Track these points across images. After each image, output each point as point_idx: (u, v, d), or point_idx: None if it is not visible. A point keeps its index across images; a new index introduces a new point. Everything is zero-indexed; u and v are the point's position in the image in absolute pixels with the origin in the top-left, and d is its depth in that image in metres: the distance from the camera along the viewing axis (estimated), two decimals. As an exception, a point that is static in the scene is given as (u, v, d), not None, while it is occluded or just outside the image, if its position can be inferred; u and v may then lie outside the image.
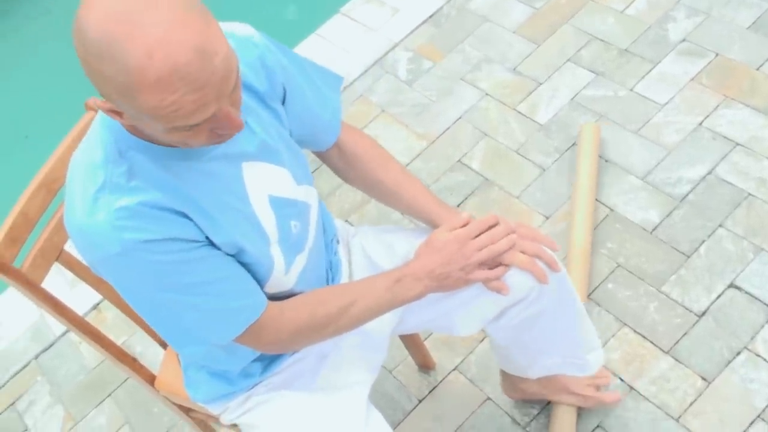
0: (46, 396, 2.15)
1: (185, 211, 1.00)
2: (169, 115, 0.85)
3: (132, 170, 0.97)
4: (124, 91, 0.83)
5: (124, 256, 0.96)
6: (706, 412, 1.68)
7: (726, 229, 1.94)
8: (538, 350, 1.50)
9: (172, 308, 1.03)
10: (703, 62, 2.29)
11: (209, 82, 0.84)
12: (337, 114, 1.27)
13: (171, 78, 0.81)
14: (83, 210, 0.97)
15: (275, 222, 1.12)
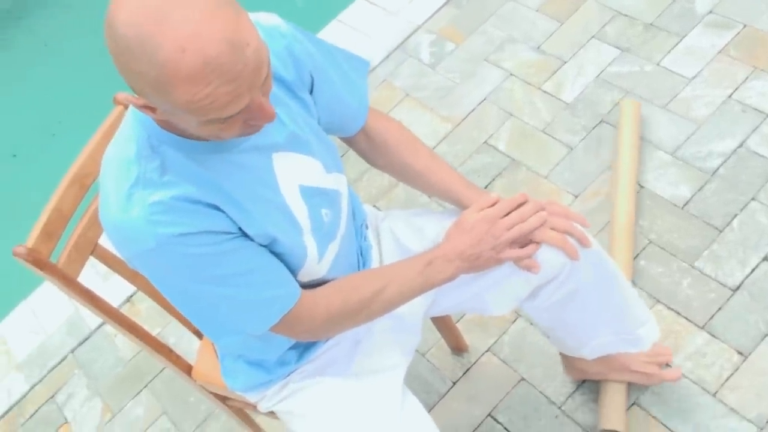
0: (84, 389, 2.18)
1: (218, 204, 1.01)
2: (203, 108, 0.85)
3: (164, 165, 0.98)
4: (158, 87, 0.84)
5: (159, 250, 0.97)
6: (743, 386, 1.67)
7: (759, 202, 1.91)
8: (584, 330, 1.49)
9: (208, 300, 1.04)
10: (731, 34, 2.25)
11: (242, 74, 0.84)
12: (365, 100, 1.27)
13: (204, 71, 0.82)
14: (118, 206, 0.98)
15: (307, 212, 1.13)
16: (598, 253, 1.36)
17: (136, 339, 1.45)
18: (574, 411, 1.73)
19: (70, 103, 3.14)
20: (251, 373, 1.31)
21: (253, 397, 1.36)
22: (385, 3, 2.79)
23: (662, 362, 1.65)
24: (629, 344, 1.55)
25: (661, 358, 1.65)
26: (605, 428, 1.62)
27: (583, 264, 1.33)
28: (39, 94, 3.28)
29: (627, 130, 2.05)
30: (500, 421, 1.77)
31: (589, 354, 1.56)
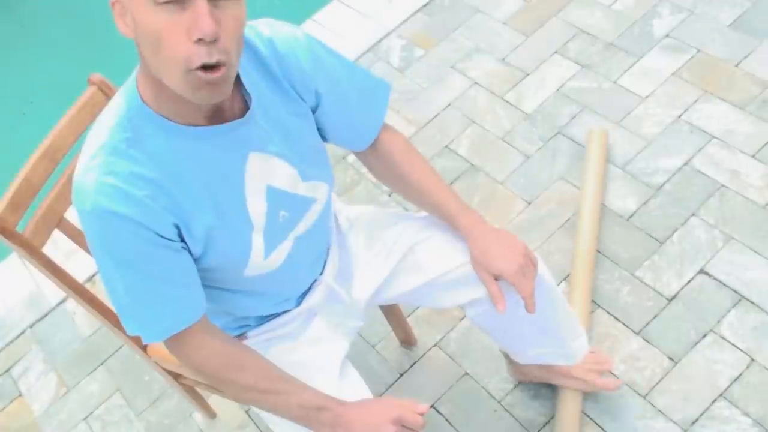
0: (41, 363, 2.22)
1: (171, 188, 1.05)
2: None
3: (135, 139, 1.03)
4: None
5: (92, 215, 1.02)
6: (672, 390, 1.77)
7: (699, 218, 2.02)
8: (519, 340, 1.57)
9: (116, 279, 1.08)
10: (685, 57, 2.36)
11: None
12: (380, 120, 1.31)
13: None
14: (82, 163, 1.04)
15: (265, 211, 1.16)
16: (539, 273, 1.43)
17: (95, 313, 1.50)
18: (512, 406, 1.82)
19: (44, 84, 3.17)
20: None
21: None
22: (360, 6, 2.87)
23: (602, 370, 1.71)
24: (562, 357, 1.64)
25: (602, 366, 1.72)
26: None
27: None
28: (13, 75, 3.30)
29: (594, 158, 2.13)
30: (442, 413, 1.85)
31: (523, 361, 1.65)
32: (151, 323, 1.11)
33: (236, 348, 1.17)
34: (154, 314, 1.10)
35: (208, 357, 1.15)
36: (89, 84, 1.45)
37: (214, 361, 1.15)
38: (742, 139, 2.14)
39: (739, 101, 2.22)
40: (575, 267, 1.92)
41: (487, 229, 1.29)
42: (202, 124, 1.06)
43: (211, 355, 1.15)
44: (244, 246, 1.16)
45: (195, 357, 1.15)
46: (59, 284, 1.43)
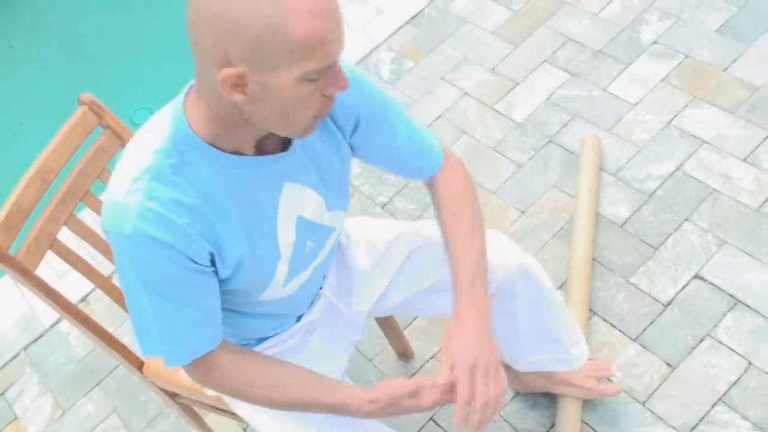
0: (35, 386, 2.20)
1: (209, 216, 1.05)
2: (317, 46, 0.90)
3: (179, 165, 1.02)
4: (273, 28, 0.88)
5: (130, 239, 1.01)
6: (670, 396, 1.76)
7: (692, 223, 2.02)
8: (518, 346, 1.57)
9: (144, 303, 1.08)
10: (673, 63, 2.38)
11: (337, 16, 0.92)
12: (436, 162, 1.29)
13: (321, 6, 0.89)
14: (122, 184, 1.02)
15: (293, 241, 1.17)
16: (533, 274, 1.44)
17: (90, 334, 1.49)
18: (511, 416, 1.81)
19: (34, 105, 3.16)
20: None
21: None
22: (349, 19, 2.88)
23: (602, 377, 1.72)
24: (562, 363, 1.64)
25: (601, 372, 1.73)
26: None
27: (518, 286, 1.42)
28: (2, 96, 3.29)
29: (588, 165, 2.13)
30: (441, 425, 1.84)
31: (522, 369, 1.64)
32: (175, 347, 1.10)
33: (247, 365, 1.16)
34: (179, 338, 1.10)
35: (222, 378, 1.15)
36: (79, 104, 1.45)
37: (227, 383, 1.15)
38: (732, 143, 2.15)
39: (728, 105, 2.23)
40: (571, 274, 1.92)
41: (477, 323, 1.16)
42: (248, 154, 1.07)
43: (223, 376, 1.15)
44: (269, 274, 1.16)
45: (210, 378, 1.15)
46: (53, 306, 1.42)
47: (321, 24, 0.89)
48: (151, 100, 3.02)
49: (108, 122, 1.47)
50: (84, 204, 1.48)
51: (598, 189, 2.13)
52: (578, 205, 2.05)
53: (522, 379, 1.74)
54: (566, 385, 1.70)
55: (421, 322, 2.02)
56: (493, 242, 1.43)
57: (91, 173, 1.46)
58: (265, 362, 1.16)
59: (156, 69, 3.16)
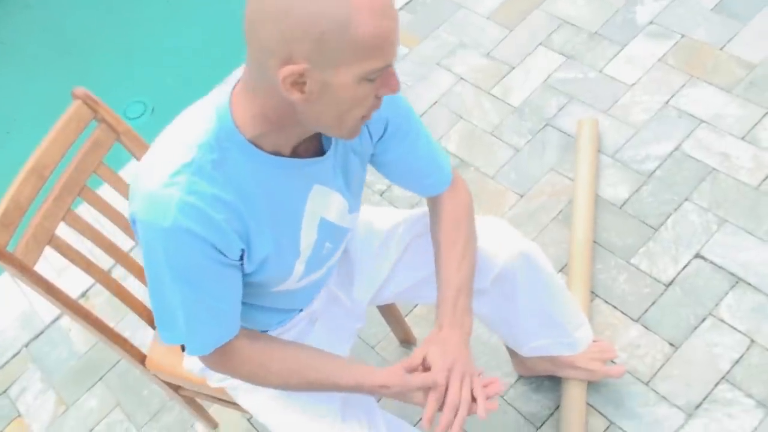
0: (38, 382, 2.20)
1: (243, 213, 1.05)
2: (381, 43, 0.91)
3: (220, 161, 1.02)
4: (340, 26, 0.89)
5: (168, 231, 1.01)
6: (674, 375, 1.77)
7: (692, 203, 2.02)
8: (521, 332, 1.56)
9: (172, 295, 1.08)
10: (669, 43, 2.37)
11: (396, 18, 0.93)
12: (444, 181, 1.30)
13: (384, 4, 0.91)
14: (161, 176, 1.01)
15: (314, 242, 1.18)
16: (534, 260, 1.43)
17: (92, 329, 1.49)
18: (515, 400, 1.81)
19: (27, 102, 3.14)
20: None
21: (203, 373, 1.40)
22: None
23: (606, 358, 1.71)
24: (565, 347, 1.63)
25: (605, 354, 1.72)
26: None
27: (520, 272, 1.42)
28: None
29: (586, 148, 2.13)
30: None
31: (527, 353, 1.64)
32: (200, 336, 1.12)
33: (262, 351, 1.17)
34: (204, 328, 1.11)
35: (239, 365, 1.17)
36: (73, 98, 1.44)
37: (243, 369, 1.17)
38: (730, 121, 2.14)
39: (725, 84, 2.22)
40: (572, 257, 1.92)
41: (457, 339, 1.18)
42: (285, 155, 1.08)
43: (240, 362, 1.17)
44: (287, 272, 1.18)
45: (226, 365, 1.17)
46: (53, 302, 1.41)
47: (385, 23, 0.91)
48: (145, 93, 3.00)
49: (103, 116, 1.46)
50: (81, 199, 1.47)
51: (597, 171, 2.13)
52: (577, 188, 2.05)
53: (526, 363, 1.74)
54: (571, 368, 1.70)
55: (422, 309, 2.02)
56: (493, 229, 1.42)
57: (87, 168, 1.46)
58: (279, 346, 1.17)
59: (147, 62, 3.14)
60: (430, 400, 1.12)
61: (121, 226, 1.53)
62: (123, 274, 2.30)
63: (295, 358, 1.17)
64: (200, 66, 3.02)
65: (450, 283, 1.24)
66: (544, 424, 1.77)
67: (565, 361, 1.68)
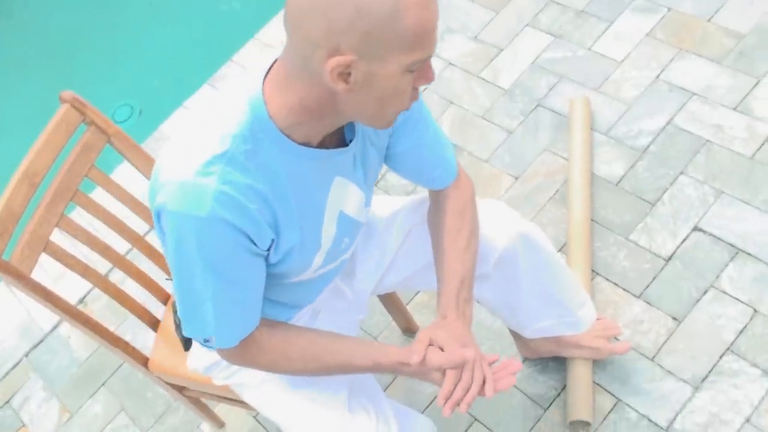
0: (40, 391, 2.18)
1: (274, 204, 1.05)
2: (425, 36, 0.93)
3: (254, 153, 1.02)
4: (387, 17, 0.90)
5: (203, 221, 1.00)
6: (679, 349, 1.76)
7: (687, 176, 2.01)
8: (524, 313, 1.56)
9: (202, 286, 1.07)
10: (657, 17, 2.36)
11: (437, 8, 0.95)
12: (451, 174, 1.30)
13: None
14: (194, 165, 1.00)
15: (333, 235, 1.18)
16: (534, 240, 1.43)
17: (92, 334, 1.47)
18: (520, 382, 1.81)
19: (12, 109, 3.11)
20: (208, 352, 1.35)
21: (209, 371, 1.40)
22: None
23: (610, 335, 1.71)
24: (569, 326, 1.63)
25: (610, 331, 1.71)
26: (574, 419, 1.67)
27: (520, 253, 1.41)
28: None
29: (579, 127, 2.12)
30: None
31: (531, 335, 1.63)
32: (229, 328, 1.12)
33: (281, 339, 1.17)
34: (233, 319, 1.11)
35: (259, 355, 1.17)
36: (61, 102, 1.42)
37: (264, 358, 1.17)
38: (722, 92, 2.13)
39: (715, 56, 2.21)
40: (571, 236, 1.91)
41: (462, 328, 1.19)
42: (313, 146, 1.08)
43: (260, 352, 1.17)
44: (307, 263, 1.18)
45: (246, 356, 1.17)
46: (52, 309, 1.40)
47: (429, 15, 0.93)
48: (131, 96, 2.98)
49: (92, 118, 1.44)
50: (75, 203, 1.45)
51: (591, 149, 2.12)
52: (572, 167, 2.04)
53: (531, 345, 1.74)
54: (576, 347, 1.70)
55: (423, 296, 2.01)
56: (492, 211, 1.41)
57: (79, 172, 1.44)
58: (296, 333, 1.18)
59: (133, 65, 3.11)
60: (449, 378, 1.12)
61: (116, 229, 1.52)
62: (121, 277, 2.28)
63: (312, 344, 1.17)
64: (186, 66, 3.00)
65: (454, 274, 1.25)
66: (551, 404, 1.76)
67: (569, 341, 1.68)
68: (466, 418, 1.79)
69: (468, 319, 1.23)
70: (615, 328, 1.71)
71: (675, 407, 1.69)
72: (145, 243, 1.58)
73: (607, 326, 1.71)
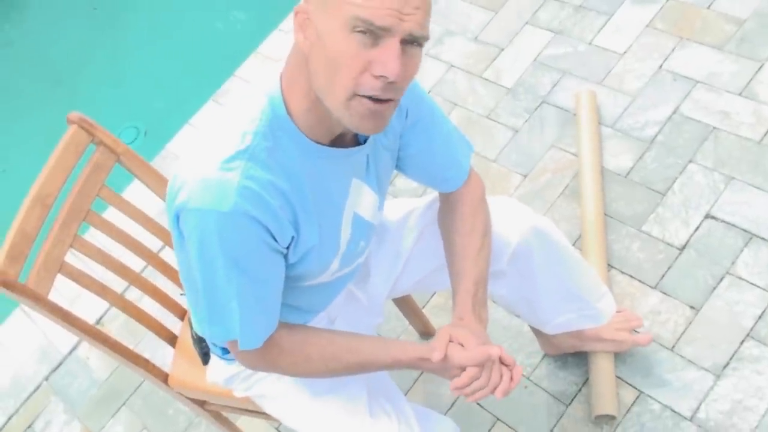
0: (61, 414, 2.19)
1: (294, 202, 1.06)
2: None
3: (273, 149, 1.03)
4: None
5: (227, 216, 1.00)
6: (698, 338, 1.75)
7: (696, 164, 2.01)
8: (543, 309, 1.55)
9: (225, 283, 1.06)
10: (656, 8, 2.35)
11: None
12: (463, 175, 1.30)
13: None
14: (216, 161, 1.00)
15: (349, 238, 1.19)
16: (547, 234, 1.42)
17: (111, 352, 1.48)
18: (541, 380, 1.80)
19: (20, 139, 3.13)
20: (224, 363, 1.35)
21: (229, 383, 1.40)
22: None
23: (632, 327, 1.70)
24: (590, 320, 1.62)
25: (632, 323, 1.70)
26: (600, 413, 1.66)
27: (535, 248, 1.40)
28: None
29: (586, 121, 2.11)
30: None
31: (552, 331, 1.63)
32: (253, 327, 1.11)
33: (301, 340, 1.16)
34: (258, 318, 1.10)
35: (280, 357, 1.16)
36: (69, 123, 1.43)
37: (285, 361, 1.16)
38: (726, 79, 2.13)
39: (716, 42, 2.21)
40: (585, 230, 1.91)
41: (480, 328, 1.20)
42: (326, 145, 1.08)
43: (281, 355, 1.16)
44: (325, 266, 1.18)
45: (267, 359, 1.16)
46: (71, 329, 1.40)
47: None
48: (136, 118, 3.00)
49: (100, 138, 1.45)
50: (88, 224, 1.46)
51: (600, 141, 2.11)
52: (582, 161, 2.04)
53: (553, 341, 1.73)
54: (598, 341, 1.68)
55: (439, 298, 2.01)
56: (503, 208, 1.41)
57: (90, 192, 1.45)
58: (316, 333, 1.18)
59: (136, 87, 3.13)
60: (468, 373, 1.10)
61: (130, 247, 1.52)
62: (137, 296, 2.29)
63: (332, 343, 1.16)
64: (189, 84, 3.02)
65: (469, 275, 1.24)
66: (573, 400, 1.76)
67: (591, 335, 1.67)
68: (488, 417, 1.79)
69: (484, 322, 1.22)
70: (636, 320, 1.70)
71: (698, 396, 1.68)
72: (160, 260, 1.58)
73: (628, 318, 1.70)
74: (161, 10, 3.42)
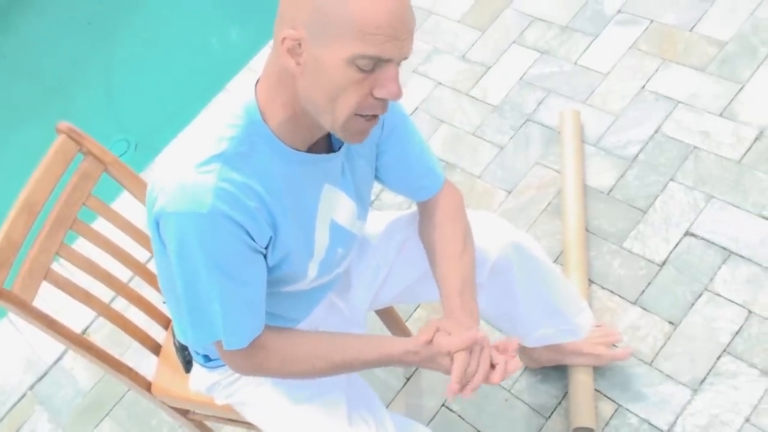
0: (46, 424, 2.19)
1: (270, 207, 1.08)
2: (375, 29, 0.92)
3: (249, 154, 1.05)
4: None
5: (206, 218, 1.02)
6: (676, 353, 1.78)
7: (677, 183, 2.04)
8: (522, 322, 1.57)
9: (208, 286, 1.08)
10: (639, 30, 2.40)
11: (406, 17, 0.94)
12: (438, 182, 1.32)
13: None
14: (193, 164, 1.03)
15: (326, 245, 1.20)
16: (526, 249, 1.45)
17: (96, 360, 1.49)
18: (522, 393, 1.82)
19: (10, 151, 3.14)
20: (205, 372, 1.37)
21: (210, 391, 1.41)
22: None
23: (610, 342, 1.73)
24: (568, 334, 1.65)
25: (610, 338, 1.73)
26: (578, 426, 1.67)
27: (514, 262, 1.43)
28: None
29: (570, 139, 2.15)
30: (454, 410, 1.85)
31: (531, 344, 1.65)
32: (237, 328, 1.12)
33: (286, 342, 1.17)
34: (241, 319, 1.11)
35: (266, 359, 1.17)
36: (57, 133, 1.45)
37: (271, 362, 1.17)
38: (707, 100, 2.17)
39: (698, 64, 2.25)
40: (567, 246, 1.94)
41: (470, 323, 1.19)
42: (302, 150, 1.11)
43: (266, 357, 1.17)
44: (302, 272, 1.19)
45: (253, 361, 1.17)
46: (56, 336, 1.42)
47: (383, 8, 0.92)
48: (127, 131, 3.01)
49: (88, 148, 1.47)
50: (75, 233, 1.48)
51: (583, 159, 2.15)
52: (565, 178, 2.07)
53: (532, 355, 1.75)
54: (577, 355, 1.71)
55: (422, 311, 2.03)
56: (483, 222, 1.44)
57: (77, 200, 1.46)
58: (301, 334, 1.19)
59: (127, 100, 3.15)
60: (459, 360, 1.10)
61: (118, 257, 1.54)
62: (124, 305, 2.30)
63: (319, 342, 1.17)
64: (180, 98, 3.04)
65: (454, 275, 1.24)
66: (552, 413, 1.78)
67: (570, 349, 1.69)
68: (469, 429, 1.80)
69: (475, 316, 1.21)
70: (615, 335, 1.73)
71: (675, 410, 1.70)
72: (147, 270, 1.60)
73: (607, 333, 1.72)
74: (154, 26, 3.46)
